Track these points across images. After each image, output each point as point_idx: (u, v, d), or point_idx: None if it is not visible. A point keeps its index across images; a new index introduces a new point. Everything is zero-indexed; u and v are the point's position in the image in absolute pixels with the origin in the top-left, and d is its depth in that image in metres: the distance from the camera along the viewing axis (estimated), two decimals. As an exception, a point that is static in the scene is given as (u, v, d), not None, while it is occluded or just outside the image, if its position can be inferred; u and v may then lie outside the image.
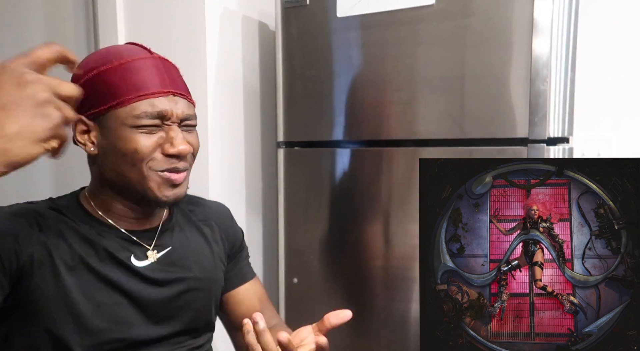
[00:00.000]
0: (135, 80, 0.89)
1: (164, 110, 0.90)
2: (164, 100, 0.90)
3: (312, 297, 1.62)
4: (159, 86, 0.91)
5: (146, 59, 0.92)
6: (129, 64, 0.90)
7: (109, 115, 0.90)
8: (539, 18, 1.26)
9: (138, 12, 1.71)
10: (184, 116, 0.93)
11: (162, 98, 0.90)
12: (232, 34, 1.73)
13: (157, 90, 0.90)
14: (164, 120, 0.91)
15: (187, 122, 0.95)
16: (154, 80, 0.91)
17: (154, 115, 0.89)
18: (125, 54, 0.92)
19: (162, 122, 0.91)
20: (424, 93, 1.41)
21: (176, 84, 0.94)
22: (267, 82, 1.87)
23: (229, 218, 1.19)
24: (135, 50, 0.95)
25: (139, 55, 0.93)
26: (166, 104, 0.90)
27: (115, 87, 0.89)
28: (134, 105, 0.89)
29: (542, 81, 1.27)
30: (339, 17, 1.50)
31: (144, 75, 0.90)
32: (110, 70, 0.90)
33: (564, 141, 1.31)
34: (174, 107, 0.91)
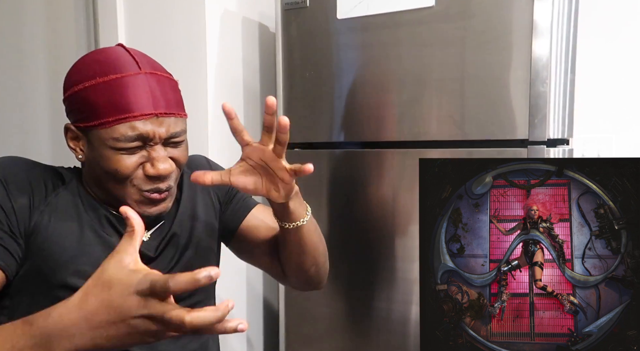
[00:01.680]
0: (117, 101, 0.86)
1: (145, 133, 0.87)
2: (147, 122, 0.87)
3: (311, 298, 1.62)
4: (142, 108, 0.87)
5: (133, 76, 0.88)
6: (114, 82, 0.87)
7: (93, 133, 0.89)
8: (538, 20, 1.26)
9: (138, 14, 1.71)
10: (168, 136, 0.90)
11: (146, 121, 0.87)
12: (232, 35, 1.74)
13: (138, 114, 0.87)
14: (146, 142, 0.89)
15: (173, 139, 0.92)
16: (138, 102, 0.87)
17: (134, 138, 0.87)
18: (112, 69, 0.89)
19: (144, 143, 0.89)
20: (424, 95, 1.41)
21: (163, 102, 0.90)
22: (267, 83, 1.88)
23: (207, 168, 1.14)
24: (124, 63, 0.90)
25: (126, 70, 0.89)
26: (148, 127, 0.87)
27: (98, 107, 0.87)
28: (114, 127, 0.86)
29: (542, 83, 1.27)
30: (339, 19, 1.51)
31: (127, 96, 0.87)
32: (95, 87, 0.87)
33: (564, 143, 1.31)
34: (157, 129, 0.88)
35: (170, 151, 0.92)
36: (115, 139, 0.86)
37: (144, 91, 0.88)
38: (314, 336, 1.62)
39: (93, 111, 0.87)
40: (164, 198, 0.94)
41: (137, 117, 0.86)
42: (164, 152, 0.91)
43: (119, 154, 0.88)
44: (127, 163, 0.88)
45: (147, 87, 0.89)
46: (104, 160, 0.89)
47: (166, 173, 0.90)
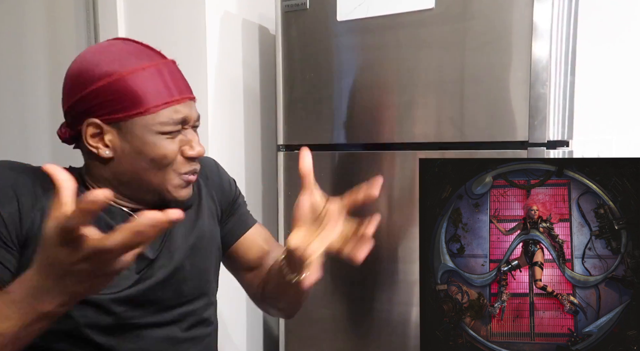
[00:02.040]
0: (158, 88, 0.90)
1: (186, 116, 0.92)
2: (183, 106, 0.92)
3: (312, 300, 1.61)
4: (179, 93, 0.92)
5: (164, 64, 0.93)
6: (151, 69, 0.90)
7: (133, 121, 0.89)
8: (538, 21, 1.27)
9: (138, 16, 1.72)
10: (197, 118, 0.97)
11: (182, 105, 0.92)
12: (232, 37, 1.74)
13: (179, 97, 0.91)
14: (183, 125, 0.93)
15: (197, 123, 0.98)
16: (176, 87, 0.92)
17: (179, 121, 0.91)
18: (144, 58, 0.92)
19: (182, 127, 0.93)
20: (424, 97, 1.41)
21: (189, 88, 0.96)
22: (267, 85, 1.88)
23: (215, 172, 1.16)
24: (150, 52, 0.94)
25: (157, 59, 0.93)
26: (187, 110, 0.93)
27: (142, 94, 0.88)
28: (160, 112, 0.89)
29: (541, 84, 1.27)
30: (339, 21, 1.51)
31: (165, 82, 0.91)
32: (132, 75, 0.88)
33: (564, 144, 1.31)
34: (191, 112, 0.94)
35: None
36: (163, 124, 0.89)
37: (177, 77, 0.94)
38: (314, 337, 1.62)
39: (135, 99, 0.88)
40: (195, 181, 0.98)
41: (179, 101, 0.91)
42: (196, 136, 0.96)
43: (164, 139, 0.91)
44: (172, 147, 0.92)
45: (177, 73, 0.95)
46: (149, 146, 0.90)
47: (202, 154, 0.95)
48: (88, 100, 0.89)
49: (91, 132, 0.90)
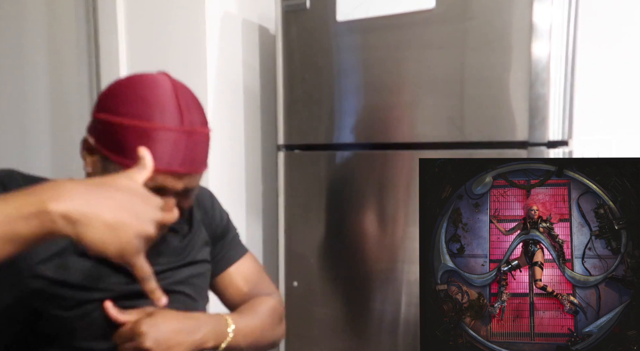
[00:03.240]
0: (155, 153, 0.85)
1: (162, 186, 0.88)
2: (168, 177, 0.88)
3: (312, 300, 1.61)
4: (168, 165, 0.87)
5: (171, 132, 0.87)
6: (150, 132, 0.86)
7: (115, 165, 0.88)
8: (538, 22, 1.27)
9: (138, 16, 1.72)
10: (183, 189, 0.91)
11: (166, 175, 0.87)
12: (232, 37, 1.74)
13: (162, 169, 0.86)
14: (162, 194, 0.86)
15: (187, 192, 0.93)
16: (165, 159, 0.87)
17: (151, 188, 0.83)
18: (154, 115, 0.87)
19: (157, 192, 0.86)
20: (424, 97, 1.41)
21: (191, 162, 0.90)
22: (267, 85, 1.88)
23: (209, 203, 1.17)
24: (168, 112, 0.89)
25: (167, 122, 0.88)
26: (168, 181, 0.88)
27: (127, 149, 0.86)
28: None
29: (541, 84, 1.28)
30: (339, 21, 1.51)
31: (158, 151, 0.86)
32: (130, 128, 0.86)
33: (564, 144, 1.31)
34: (175, 184, 0.89)
35: (181, 201, 0.92)
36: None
37: (177, 150, 0.88)
38: (314, 337, 1.62)
39: (120, 148, 0.87)
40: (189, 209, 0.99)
41: (160, 172, 0.86)
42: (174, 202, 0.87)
43: None
44: None
45: (182, 146, 0.88)
46: None
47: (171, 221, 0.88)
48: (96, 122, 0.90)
49: (87, 147, 0.92)
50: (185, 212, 0.96)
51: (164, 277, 1.00)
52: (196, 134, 0.91)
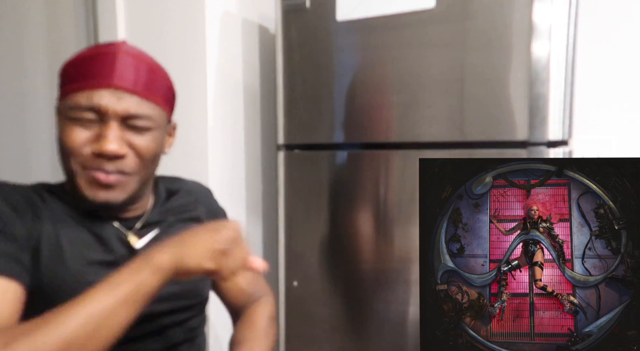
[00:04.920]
0: (82, 71, 0.85)
1: (99, 105, 0.84)
2: (105, 93, 0.84)
3: (312, 300, 1.61)
4: (101, 78, 0.84)
5: (106, 54, 0.86)
6: (87, 56, 0.86)
7: (59, 105, 0.88)
8: (538, 21, 1.27)
9: (138, 16, 1.72)
10: (126, 114, 0.86)
11: (102, 92, 0.84)
12: (232, 37, 1.74)
13: (96, 82, 0.84)
14: (101, 116, 0.85)
15: (134, 122, 0.88)
16: (101, 72, 0.84)
17: (87, 108, 0.84)
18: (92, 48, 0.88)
19: (100, 118, 0.85)
20: (424, 96, 1.41)
21: (129, 78, 0.87)
22: (267, 85, 1.88)
23: (209, 200, 1.16)
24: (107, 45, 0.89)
25: (107, 49, 0.87)
26: (105, 99, 0.84)
27: (65, 78, 0.87)
28: (71, 96, 0.85)
29: (541, 84, 1.27)
30: (339, 20, 1.51)
31: (93, 67, 0.84)
32: (70, 62, 0.87)
33: (564, 144, 1.31)
34: (114, 103, 0.85)
35: (130, 136, 0.88)
36: (71, 108, 0.85)
37: (110, 64, 0.85)
38: (314, 337, 1.62)
39: (61, 84, 0.87)
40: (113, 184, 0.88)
41: (94, 86, 0.84)
42: (118, 132, 0.87)
43: (73, 126, 0.85)
44: (77, 135, 0.85)
45: (116, 61, 0.86)
46: (60, 132, 0.87)
47: (111, 152, 0.85)
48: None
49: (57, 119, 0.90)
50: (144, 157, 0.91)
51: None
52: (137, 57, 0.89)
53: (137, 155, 0.90)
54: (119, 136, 0.87)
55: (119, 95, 0.85)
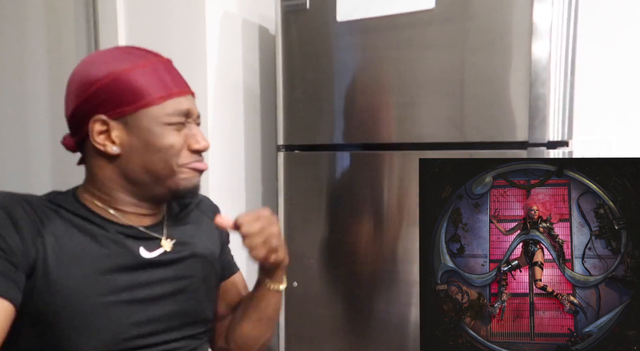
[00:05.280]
0: (161, 81, 0.93)
1: (188, 108, 0.95)
2: (185, 99, 0.95)
3: (312, 301, 1.61)
4: (179, 86, 0.95)
5: (162, 62, 0.96)
6: (150, 66, 0.93)
7: (139, 114, 0.91)
8: (538, 22, 1.27)
9: (138, 16, 1.72)
10: (198, 114, 0.99)
11: (184, 98, 0.95)
12: (232, 37, 1.74)
13: (179, 90, 0.95)
14: (187, 118, 0.96)
15: (198, 119, 1.00)
16: (175, 82, 0.95)
17: (183, 113, 0.94)
18: (143, 56, 0.95)
19: (186, 120, 0.95)
20: (424, 97, 1.41)
21: (187, 84, 0.99)
22: (267, 85, 1.88)
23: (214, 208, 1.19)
24: (147, 53, 0.98)
25: (152, 58, 0.96)
26: (189, 103, 0.96)
27: (143, 88, 0.91)
28: (165, 104, 0.92)
29: (541, 84, 1.28)
30: (339, 21, 1.51)
31: (166, 77, 0.94)
32: (133, 71, 0.91)
33: (564, 145, 1.31)
34: (194, 106, 0.97)
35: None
36: (168, 114, 0.92)
37: (175, 73, 0.97)
38: (314, 337, 1.62)
39: (139, 93, 0.91)
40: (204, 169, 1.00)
41: (181, 93, 0.95)
42: (199, 130, 0.99)
43: (171, 130, 0.93)
44: (177, 138, 0.94)
45: (174, 70, 0.98)
46: (156, 138, 0.92)
47: (208, 147, 0.98)
48: (92, 100, 0.91)
49: (98, 129, 0.92)
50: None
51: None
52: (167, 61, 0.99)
53: None
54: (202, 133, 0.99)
55: (191, 99, 0.98)
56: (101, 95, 0.91)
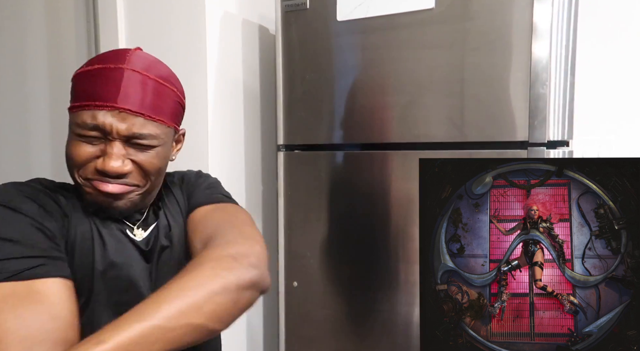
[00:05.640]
0: (88, 89, 0.87)
1: (102, 124, 0.86)
2: (108, 114, 0.86)
3: (312, 301, 1.61)
4: (105, 99, 0.86)
5: (113, 70, 0.88)
6: (93, 71, 0.88)
7: (70, 117, 0.91)
8: (538, 22, 1.27)
9: (138, 16, 1.72)
10: (129, 134, 0.88)
11: (106, 112, 0.86)
12: (232, 37, 1.74)
13: (101, 103, 0.86)
14: (106, 134, 0.88)
15: (138, 141, 0.90)
16: (103, 93, 0.87)
17: (91, 127, 0.87)
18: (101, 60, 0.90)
19: (104, 136, 0.88)
20: (424, 97, 1.41)
21: (134, 100, 0.88)
22: (267, 85, 1.88)
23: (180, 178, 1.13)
24: (115, 57, 0.91)
25: (111, 63, 0.89)
26: (108, 119, 0.86)
27: (74, 93, 0.90)
28: (79, 113, 0.88)
29: (541, 84, 1.27)
30: (339, 21, 1.51)
31: (96, 85, 0.87)
32: (79, 75, 0.91)
33: (564, 144, 1.31)
34: (117, 124, 0.87)
35: (133, 153, 0.90)
36: (77, 125, 0.88)
37: (115, 84, 0.87)
38: (314, 337, 1.62)
39: (71, 97, 0.90)
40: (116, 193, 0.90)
41: (98, 107, 0.86)
42: (122, 150, 0.89)
43: (79, 141, 0.88)
44: (83, 151, 0.88)
45: (121, 81, 0.88)
46: (67, 144, 0.91)
47: (114, 171, 0.88)
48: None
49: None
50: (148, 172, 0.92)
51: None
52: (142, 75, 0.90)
53: (141, 171, 0.93)
54: (122, 154, 0.89)
55: (123, 116, 0.87)
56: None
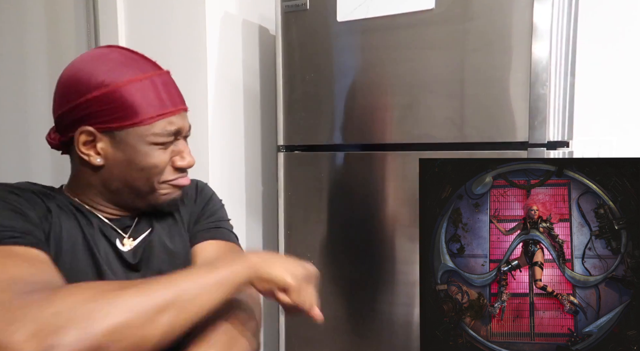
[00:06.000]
0: (152, 99, 0.91)
1: (179, 128, 0.94)
2: (177, 118, 0.94)
3: (311, 301, 1.61)
4: (173, 105, 0.94)
5: (159, 76, 0.94)
6: (147, 80, 0.91)
7: (127, 131, 0.90)
8: (538, 22, 1.27)
9: (138, 17, 1.72)
10: (189, 130, 0.98)
11: (176, 117, 0.94)
12: (232, 38, 1.74)
13: (174, 109, 0.93)
14: (176, 136, 0.95)
15: (188, 134, 0.99)
16: (169, 99, 0.93)
17: (172, 133, 0.93)
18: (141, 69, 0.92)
19: (175, 138, 0.95)
20: (424, 98, 1.41)
21: (182, 99, 0.97)
22: (268, 86, 1.88)
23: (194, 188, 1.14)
24: (146, 63, 0.95)
25: (150, 70, 0.93)
26: (180, 121, 0.94)
27: (135, 106, 0.89)
28: (155, 123, 0.91)
29: (541, 85, 1.27)
30: (339, 21, 1.51)
31: (162, 93, 0.92)
32: (128, 86, 0.89)
33: (564, 145, 1.31)
34: (184, 124, 0.96)
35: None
36: (156, 135, 0.91)
37: (171, 88, 0.95)
38: (315, 337, 1.62)
39: (130, 110, 0.89)
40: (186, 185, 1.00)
41: (173, 113, 0.93)
42: (187, 146, 0.98)
43: (157, 149, 0.92)
44: (164, 157, 0.94)
45: (171, 84, 0.96)
46: (141, 156, 0.92)
47: (193, 164, 0.97)
48: (82, 109, 0.90)
49: (84, 139, 0.91)
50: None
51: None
52: (169, 74, 0.98)
53: None
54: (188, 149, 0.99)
55: (183, 115, 0.97)
56: (92, 106, 0.89)
